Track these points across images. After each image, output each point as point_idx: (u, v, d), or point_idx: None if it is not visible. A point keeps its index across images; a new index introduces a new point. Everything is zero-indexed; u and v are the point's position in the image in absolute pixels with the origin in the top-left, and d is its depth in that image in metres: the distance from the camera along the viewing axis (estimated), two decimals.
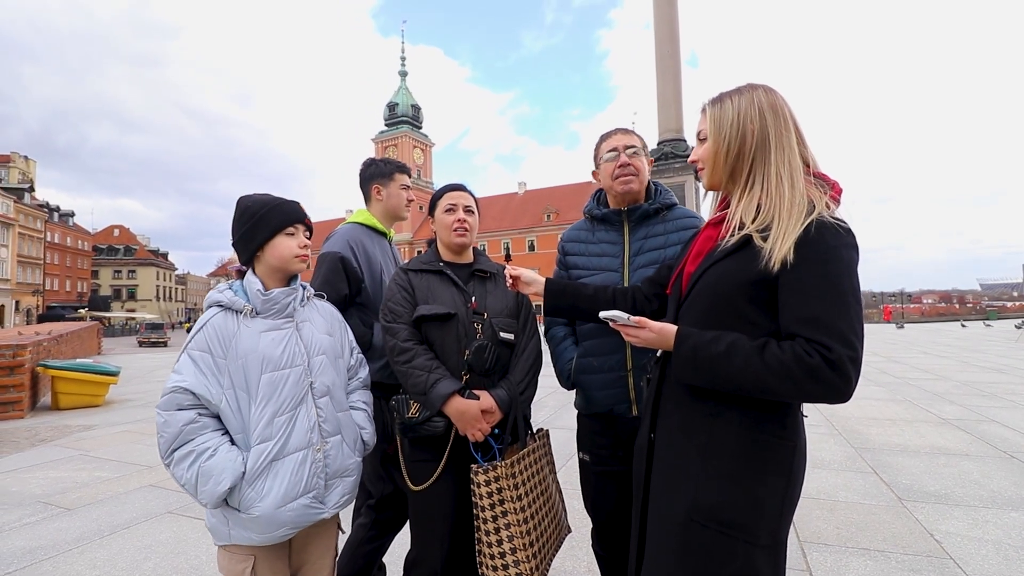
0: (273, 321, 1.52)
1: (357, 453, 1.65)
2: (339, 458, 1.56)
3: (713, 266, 1.22)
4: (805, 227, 1.10)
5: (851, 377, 1.03)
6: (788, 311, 1.10)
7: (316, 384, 1.54)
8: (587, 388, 1.87)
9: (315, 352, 1.57)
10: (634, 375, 1.77)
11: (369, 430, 1.70)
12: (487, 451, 1.72)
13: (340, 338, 1.71)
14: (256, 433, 1.41)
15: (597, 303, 1.67)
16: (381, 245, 2.31)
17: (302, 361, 1.52)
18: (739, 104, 1.24)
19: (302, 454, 1.47)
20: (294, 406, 1.48)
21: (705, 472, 1.16)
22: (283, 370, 1.48)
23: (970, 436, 5.02)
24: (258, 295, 1.50)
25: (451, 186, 1.93)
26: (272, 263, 1.54)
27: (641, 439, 1.38)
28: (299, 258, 1.57)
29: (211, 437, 1.40)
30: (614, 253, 1.89)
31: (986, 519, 3.12)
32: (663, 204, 1.88)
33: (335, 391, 1.60)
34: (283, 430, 1.45)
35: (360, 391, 1.76)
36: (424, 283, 1.83)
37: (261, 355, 1.45)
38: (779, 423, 1.16)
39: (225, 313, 1.49)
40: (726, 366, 1.11)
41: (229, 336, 1.45)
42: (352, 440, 1.63)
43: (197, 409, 1.41)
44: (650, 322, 1.23)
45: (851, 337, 1.04)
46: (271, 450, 1.42)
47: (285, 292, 1.54)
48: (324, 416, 1.54)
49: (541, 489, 1.76)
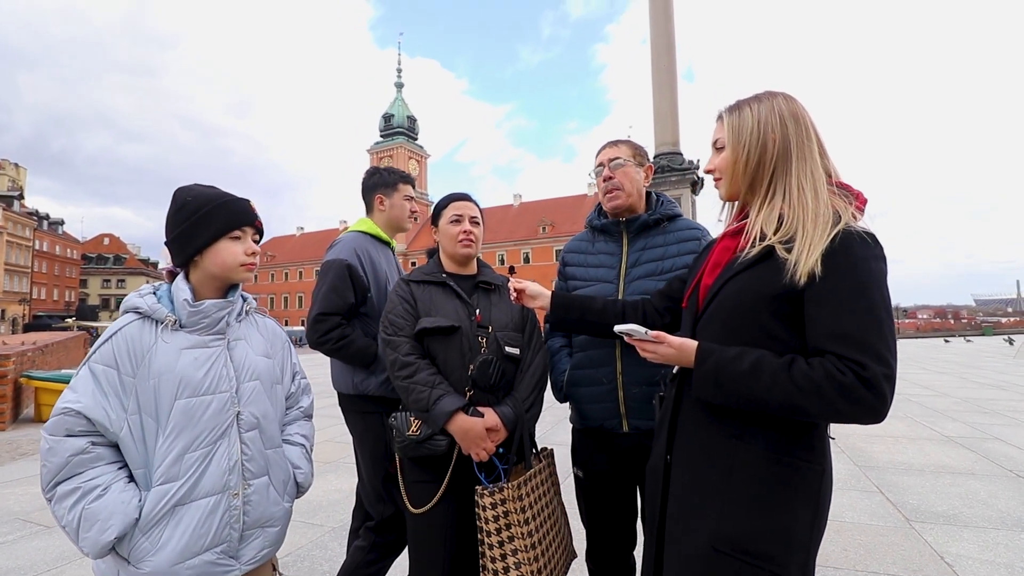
0: (199, 337, 1.30)
1: (287, 498, 1.42)
2: (262, 504, 1.33)
3: (733, 278, 1.18)
4: (831, 238, 1.07)
5: (887, 396, 0.99)
6: (817, 326, 1.06)
7: (244, 415, 1.32)
8: (578, 401, 1.85)
9: (246, 377, 1.35)
10: (624, 389, 1.73)
11: (305, 470, 1.49)
12: (491, 471, 1.65)
13: (281, 361, 1.50)
14: (160, 471, 1.20)
15: (606, 317, 1.62)
16: (386, 255, 2.27)
17: (228, 387, 1.30)
18: (759, 112, 1.21)
19: (214, 499, 1.24)
20: (212, 440, 1.26)
21: (728, 498, 1.11)
22: (203, 396, 1.25)
23: (975, 454, 4.98)
24: (184, 305, 1.28)
25: (456, 195, 1.89)
26: (211, 270, 1.33)
27: (655, 460, 1.33)
28: (245, 267, 1.36)
29: (103, 472, 1.18)
30: (611, 264, 1.86)
31: (996, 541, 3.07)
32: (663, 215, 1.86)
33: (266, 424, 1.38)
34: (194, 469, 1.22)
35: (300, 422, 1.55)
36: (426, 295, 1.78)
37: (178, 376, 1.23)
38: (807, 445, 1.11)
39: (142, 322, 1.26)
40: (751, 384, 1.06)
41: (142, 350, 1.23)
42: (282, 482, 1.40)
43: (90, 437, 1.18)
44: (669, 337, 1.19)
45: (885, 353, 1.00)
46: (175, 493, 1.20)
47: (218, 304, 1.32)
48: (249, 454, 1.31)
49: (548, 512, 1.70)
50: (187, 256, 1.33)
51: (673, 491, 1.22)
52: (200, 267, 1.35)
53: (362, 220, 2.31)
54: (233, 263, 1.35)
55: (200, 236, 1.32)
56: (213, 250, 1.33)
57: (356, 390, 2.08)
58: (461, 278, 1.85)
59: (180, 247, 1.33)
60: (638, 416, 1.73)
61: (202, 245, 1.32)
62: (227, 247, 1.34)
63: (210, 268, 1.34)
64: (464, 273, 1.87)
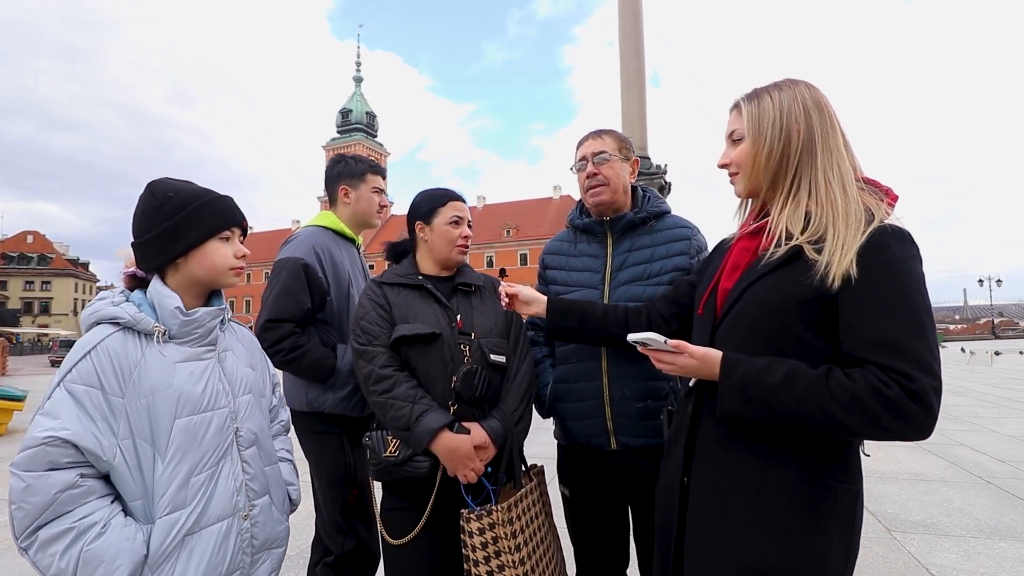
0: (192, 349, 1.22)
1: (285, 516, 1.39)
2: (268, 524, 1.29)
3: (757, 282, 1.10)
4: (868, 237, 1.00)
5: (935, 410, 0.92)
6: (856, 333, 0.98)
7: (242, 431, 1.26)
8: (563, 417, 1.76)
9: (241, 390, 1.29)
10: (612, 405, 1.65)
11: (296, 486, 1.47)
12: (479, 493, 1.53)
13: (263, 372, 1.45)
14: (165, 499, 1.11)
15: (607, 324, 1.53)
16: (350, 253, 2.10)
17: (227, 402, 1.24)
18: (781, 101, 1.13)
19: (226, 524, 1.19)
20: (216, 461, 1.19)
21: (758, 523, 1.02)
22: (204, 413, 1.19)
23: (945, 461, 5.15)
24: (176, 314, 1.19)
25: (452, 193, 1.75)
26: (198, 274, 1.24)
27: (668, 482, 1.23)
28: (234, 271, 1.28)
29: (99, 507, 1.07)
30: (595, 268, 1.77)
31: (977, 550, 3.14)
32: (651, 212, 1.77)
33: (263, 440, 1.33)
34: (202, 494, 1.16)
35: (282, 437, 1.51)
36: (402, 299, 1.64)
37: (176, 393, 1.15)
38: (842, 465, 1.04)
39: (123, 334, 1.15)
40: (784, 398, 0.98)
41: (130, 366, 1.12)
42: (280, 500, 1.37)
43: (79, 468, 1.06)
44: (690, 346, 1.09)
45: (932, 364, 0.93)
46: (185, 521, 1.12)
47: (211, 313, 1.25)
48: (252, 472, 1.27)
49: (541, 536, 1.59)
50: (169, 258, 1.22)
51: (693, 516, 1.13)
52: (183, 270, 1.24)
53: (323, 214, 2.13)
54: (223, 266, 1.26)
55: (188, 236, 1.22)
56: (201, 252, 1.23)
57: (311, 407, 1.91)
58: (439, 280, 1.72)
59: (161, 248, 1.21)
60: (627, 433, 1.65)
61: (189, 245, 1.22)
62: (217, 249, 1.25)
63: (196, 272, 1.24)
64: (442, 275, 1.74)
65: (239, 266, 1.30)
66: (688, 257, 1.70)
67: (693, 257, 1.70)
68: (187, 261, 1.23)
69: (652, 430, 1.61)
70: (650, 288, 1.67)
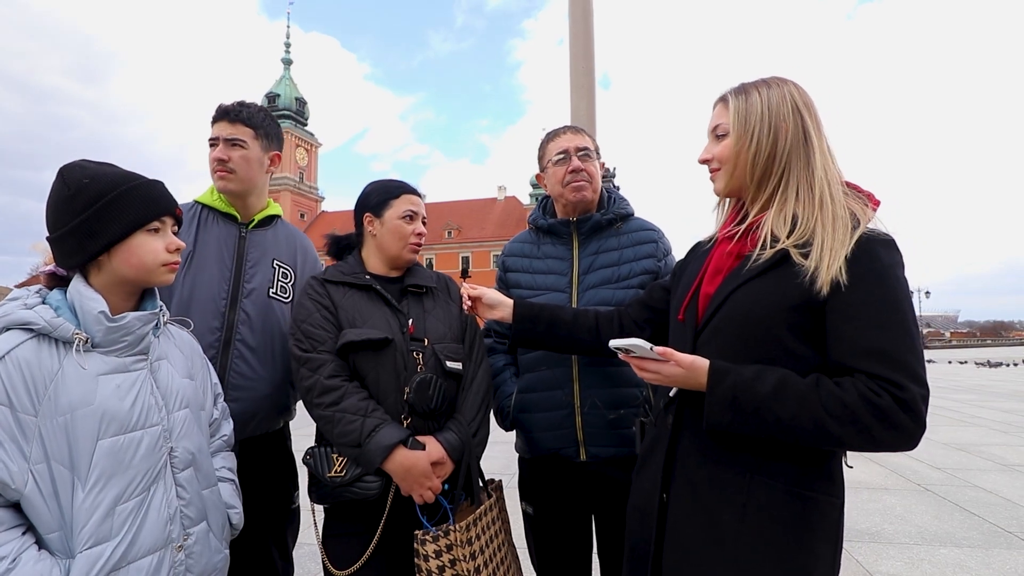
0: (119, 359, 1.14)
1: (224, 544, 1.32)
2: (205, 554, 1.23)
3: (742, 287, 1.11)
4: (856, 243, 1.03)
5: (924, 420, 0.96)
6: (845, 342, 1.01)
7: (177, 451, 1.19)
8: (529, 428, 1.75)
9: (176, 405, 1.22)
10: (582, 414, 1.66)
11: (238, 508, 1.41)
12: (435, 512, 1.47)
13: (203, 382, 1.38)
14: (87, 531, 1.04)
15: (576, 330, 1.52)
16: (223, 231, 1.78)
17: (159, 419, 1.17)
18: (769, 98, 1.15)
19: (157, 556, 1.12)
20: (147, 486, 1.12)
21: (744, 540, 1.03)
22: (132, 433, 1.11)
23: (885, 469, 5.51)
24: (100, 319, 1.10)
25: (407, 186, 1.69)
26: (124, 272, 1.16)
27: (644, 499, 1.23)
28: (168, 267, 1.21)
29: (7, 540, 1.00)
30: (562, 270, 1.78)
31: (920, 557, 3.36)
32: (617, 214, 1.80)
33: (201, 460, 1.27)
34: (129, 524, 1.09)
35: (224, 454, 1.45)
36: (348, 301, 1.56)
37: (99, 411, 1.07)
38: (827, 477, 1.06)
39: (38, 342, 1.06)
40: (776, 409, 0.99)
41: (44, 380, 1.04)
42: (220, 526, 1.31)
43: None
44: (677, 354, 1.09)
45: (922, 374, 0.97)
46: (111, 556, 1.05)
47: (143, 318, 1.17)
48: (187, 497, 1.20)
49: (500, 557, 1.55)
50: (89, 255, 1.13)
51: (672, 535, 1.12)
52: (107, 269, 1.16)
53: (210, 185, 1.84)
54: (153, 263, 1.18)
55: (109, 229, 1.13)
56: (126, 247, 1.15)
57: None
58: (388, 281, 1.65)
59: (79, 243, 1.12)
60: (597, 443, 1.67)
61: (112, 240, 1.13)
62: (145, 242, 1.17)
63: (122, 269, 1.16)
64: (391, 275, 1.67)
65: (172, 261, 1.21)
66: (656, 260, 1.75)
67: (660, 260, 1.75)
68: (110, 258, 1.15)
69: (623, 439, 1.62)
70: (620, 292, 1.69)
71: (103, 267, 1.15)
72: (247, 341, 1.71)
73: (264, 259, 1.81)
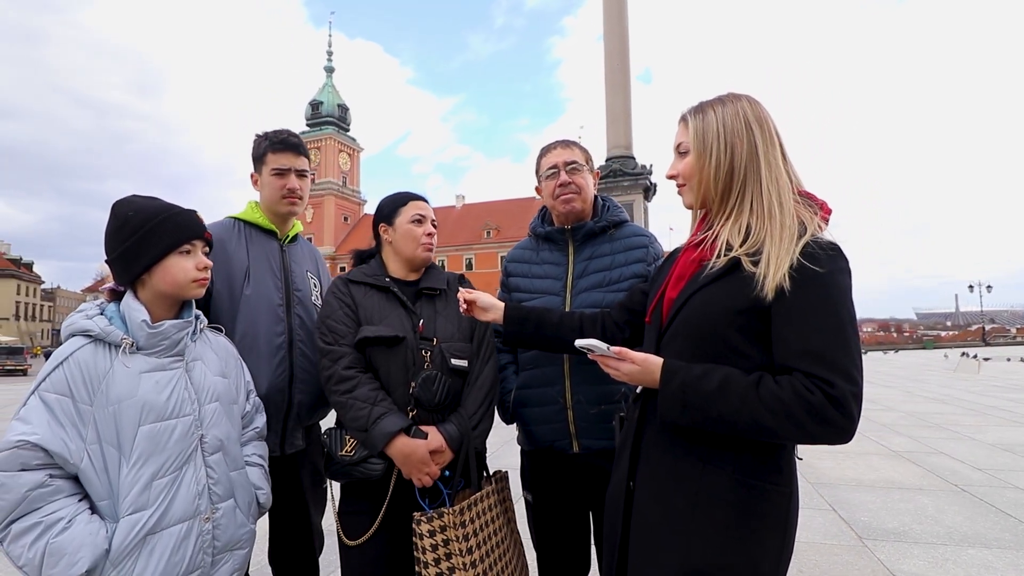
0: (158, 360, 1.36)
1: (251, 519, 1.52)
2: (230, 528, 1.43)
3: (698, 292, 1.21)
4: (799, 250, 1.11)
5: (854, 415, 1.03)
6: (784, 343, 1.09)
7: (207, 438, 1.40)
8: (526, 422, 1.88)
9: (207, 399, 1.43)
10: (574, 409, 1.78)
11: (265, 490, 1.60)
12: (435, 497, 1.62)
13: (236, 380, 1.58)
14: (128, 500, 1.26)
15: (562, 331, 1.63)
16: (264, 248, 1.94)
17: (192, 410, 1.38)
18: (723, 116, 1.24)
19: (186, 525, 1.32)
20: (179, 466, 1.34)
21: (695, 528, 1.12)
22: (168, 421, 1.33)
23: (922, 469, 5.37)
24: (143, 327, 1.33)
25: (413, 195, 1.85)
26: (162, 288, 1.38)
27: (615, 488, 1.33)
28: (197, 283, 1.43)
29: (65, 505, 1.22)
30: (557, 275, 1.90)
31: (945, 557, 3.31)
32: (610, 221, 1.91)
33: (229, 446, 1.47)
34: (164, 496, 1.30)
35: (255, 443, 1.65)
36: (369, 300, 1.74)
37: (140, 402, 1.30)
38: (775, 468, 1.14)
39: (95, 346, 1.31)
40: (719, 404, 1.09)
41: (99, 376, 1.28)
42: (246, 504, 1.50)
43: (48, 469, 1.22)
44: (632, 353, 1.19)
45: (853, 372, 1.04)
46: (147, 521, 1.26)
47: (178, 325, 1.39)
48: (216, 477, 1.41)
49: (496, 541, 1.67)
50: (134, 275, 1.37)
51: (637, 521, 1.23)
52: (149, 285, 1.39)
53: (249, 203, 2.01)
54: (184, 280, 1.40)
55: (147, 253, 1.36)
56: (162, 267, 1.38)
57: None
58: (404, 284, 1.81)
59: (126, 265, 1.37)
60: (588, 436, 1.78)
61: (150, 263, 1.36)
62: (177, 263, 1.39)
63: (160, 286, 1.38)
64: (408, 279, 1.83)
65: (201, 278, 1.43)
66: (646, 264, 1.84)
67: (650, 264, 1.84)
68: (151, 276, 1.38)
69: (611, 433, 1.73)
70: (610, 295, 1.80)
71: (146, 284, 1.39)
72: (305, 341, 1.92)
73: (300, 270, 2.02)
